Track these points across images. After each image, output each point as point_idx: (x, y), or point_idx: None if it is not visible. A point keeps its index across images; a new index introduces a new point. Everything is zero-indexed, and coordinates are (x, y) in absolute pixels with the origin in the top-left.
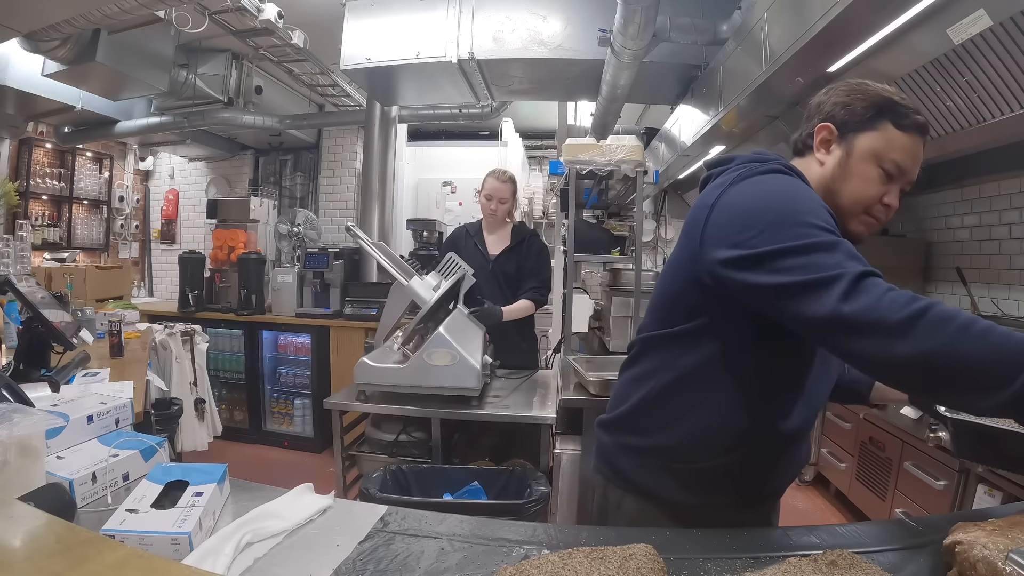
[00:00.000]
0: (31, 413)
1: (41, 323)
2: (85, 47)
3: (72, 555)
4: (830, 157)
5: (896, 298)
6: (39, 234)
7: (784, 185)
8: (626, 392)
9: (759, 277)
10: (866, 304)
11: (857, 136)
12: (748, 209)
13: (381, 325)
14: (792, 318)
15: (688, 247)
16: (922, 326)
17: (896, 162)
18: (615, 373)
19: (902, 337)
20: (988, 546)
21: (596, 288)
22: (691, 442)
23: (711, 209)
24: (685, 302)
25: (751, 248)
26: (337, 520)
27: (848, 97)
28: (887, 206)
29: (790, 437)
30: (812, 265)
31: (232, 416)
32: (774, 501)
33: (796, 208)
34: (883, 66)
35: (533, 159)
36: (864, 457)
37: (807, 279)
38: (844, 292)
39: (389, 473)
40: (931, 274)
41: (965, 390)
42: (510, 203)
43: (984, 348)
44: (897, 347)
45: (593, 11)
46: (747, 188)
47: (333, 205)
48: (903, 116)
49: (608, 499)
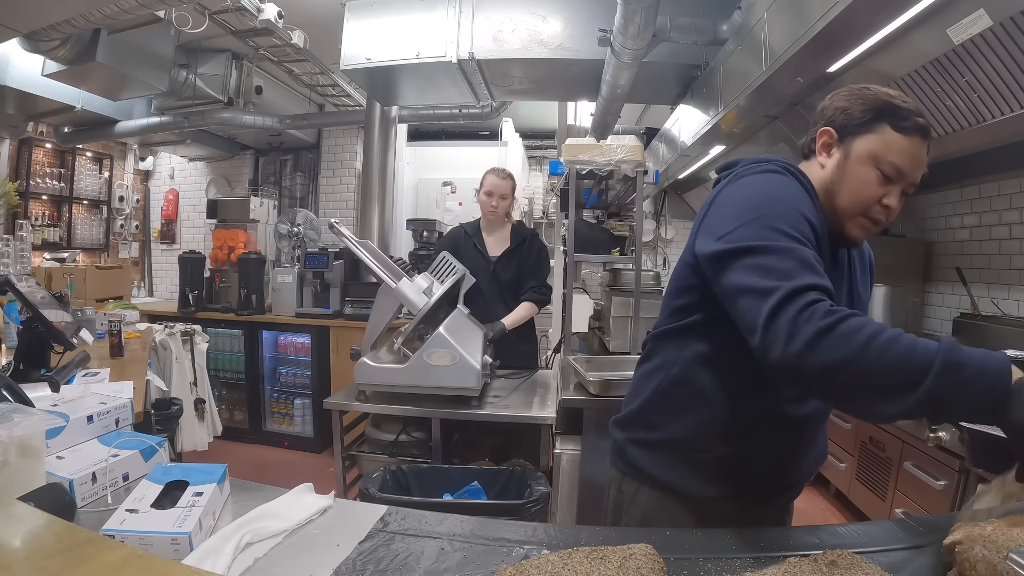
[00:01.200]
0: (31, 413)
1: (41, 323)
2: (85, 47)
3: (72, 555)
4: (830, 160)
5: (814, 312)
6: (39, 234)
7: (772, 186)
8: (638, 388)
9: (721, 272)
10: (787, 317)
11: (855, 139)
12: (733, 205)
13: (369, 330)
14: (737, 319)
15: (690, 243)
16: (829, 340)
17: (894, 164)
18: (615, 373)
19: (809, 349)
20: (988, 546)
21: (596, 288)
22: (702, 431)
23: (708, 206)
24: (689, 296)
25: (726, 243)
26: (337, 520)
27: (848, 101)
28: (887, 207)
29: (802, 422)
30: (761, 268)
31: (232, 416)
32: (789, 499)
33: (769, 210)
34: (883, 66)
35: (533, 159)
36: (864, 457)
37: (752, 284)
38: (776, 303)
39: (389, 473)
40: (931, 274)
41: (870, 399)
42: (510, 200)
43: (887, 359)
44: (805, 359)
45: (593, 11)
46: (740, 185)
47: (333, 205)
48: (902, 119)
49: (624, 492)
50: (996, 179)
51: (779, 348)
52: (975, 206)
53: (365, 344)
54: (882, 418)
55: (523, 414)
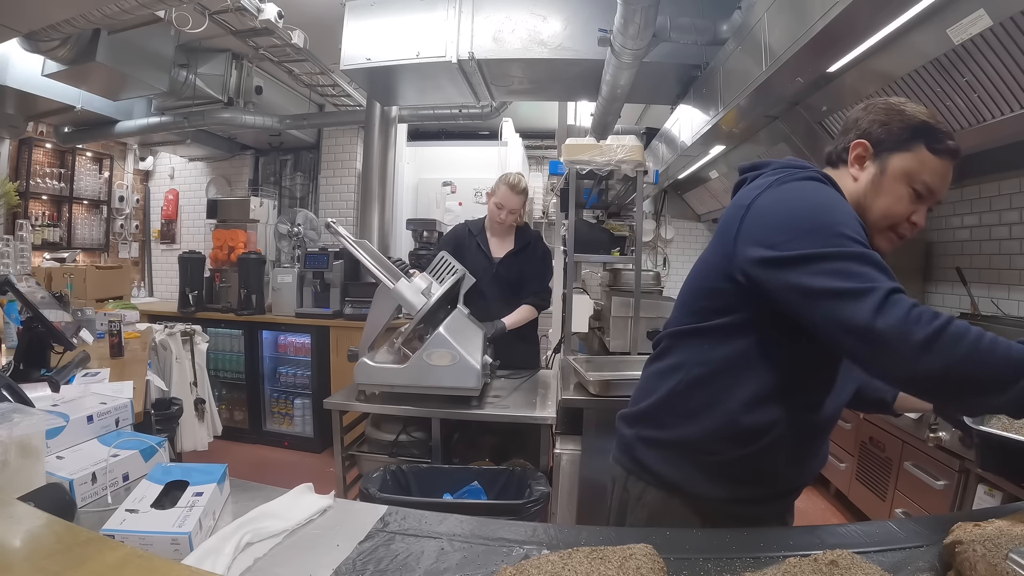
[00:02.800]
0: (31, 413)
1: (41, 323)
2: (85, 47)
3: (72, 555)
4: (864, 173)
5: (921, 314)
6: (39, 234)
7: (820, 194)
8: (652, 386)
9: (792, 277)
10: (896, 319)
11: (892, 156)
12: (785, 213)
13: (366, 331)
14: (822, 321)
15: (722, 246)
16: (942, 342)
17: (927, 184)
18: (615, 373)
19: (926, 352)
20: (988, 546)
21: (596, 288)
22: (718, 435)
23: (747, 210)
24: (717, 298)
25: (786, 251)
26: (337, 520)
27: (887, 116)
28: (913, 224)
29: (819, 429)
30: (845, 273)
31: (232, 416)
32: (792, 500)
33: (831, 218)
34: (883, 66)
35: (533, 159)
36: (864, 457)
37: (842, 286)
38: (877, 305)
39: (389, 473)
40: (931, 274)
41: (974, 395)
42: (520, 213)
43: (994, 359)
44: (921, 361)
45: (593, 11)
46: (784, 193)
47: (333, 205)
48: (938, 141)
49: (629, 491)
50: (996, 179)
51: (894, 349)
52: (975, 206)
53: (363, 345)
54: (984, 410)
55: (523, 414)
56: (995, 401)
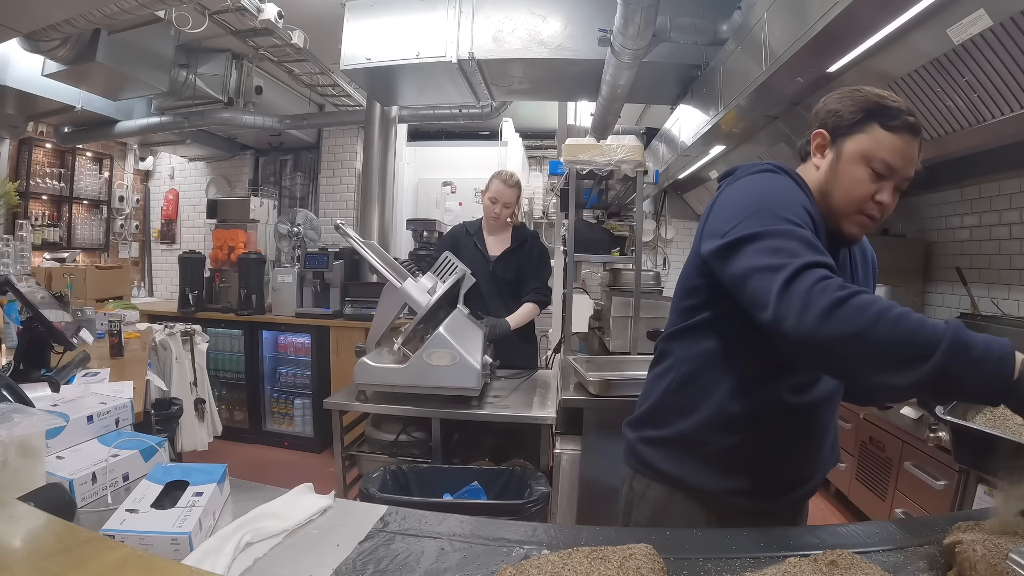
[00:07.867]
0: (31, 413)
1: (41, 323)
2: (85, 47)
3: (72, 555)
4: (824, 161)
5: (827, 286)
6: (39, 234)
7: (768, 182)
8: (649, 390)
9: (729, 264)
10: (801, 290)
11: (846, 139)
12: (734, 203)
13: (373, 329)
14: (747, 299)
15: (695, 245)
16: (843, 311)
17: (885, 161)
18: (615, 373)
19: (824, 320)
20: (988, 546)
21: (596, 288)
22: (711, 425)
23: (709, 210)
24: (697, 295)
25: (729, 237)
26: (337, 520)
27: (839, 103)
28: (880, 204)
29: (806, 410)
30: (769, 249)
31: (232, 416)
32: (802, 497)
33: (771, 200)
34: (883, 66)
35: (533, 159)
36: (864, 457)
37: (762, 263)
38: (787, 277)
39: (389, 473)
40: (931, 274)
41: (880, 371)
42: (514, 207)
43: (898, 333)
44: (820, 330)
45: (593, 11)
46: (738, 186)
47: (333, 205)
48: (891, 117)
49: (635, 489)
50: (996, 179)
51: (793, 318)
52: (975, 206)
53: (370, 342)
54: (889, 393)
55: (523, 414)
56: (904, 380)
